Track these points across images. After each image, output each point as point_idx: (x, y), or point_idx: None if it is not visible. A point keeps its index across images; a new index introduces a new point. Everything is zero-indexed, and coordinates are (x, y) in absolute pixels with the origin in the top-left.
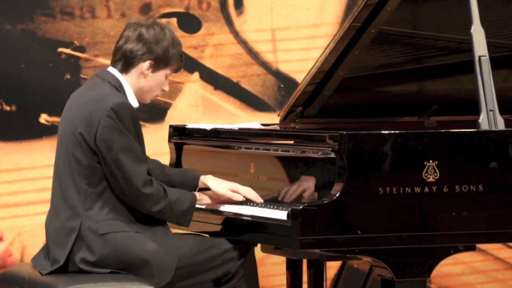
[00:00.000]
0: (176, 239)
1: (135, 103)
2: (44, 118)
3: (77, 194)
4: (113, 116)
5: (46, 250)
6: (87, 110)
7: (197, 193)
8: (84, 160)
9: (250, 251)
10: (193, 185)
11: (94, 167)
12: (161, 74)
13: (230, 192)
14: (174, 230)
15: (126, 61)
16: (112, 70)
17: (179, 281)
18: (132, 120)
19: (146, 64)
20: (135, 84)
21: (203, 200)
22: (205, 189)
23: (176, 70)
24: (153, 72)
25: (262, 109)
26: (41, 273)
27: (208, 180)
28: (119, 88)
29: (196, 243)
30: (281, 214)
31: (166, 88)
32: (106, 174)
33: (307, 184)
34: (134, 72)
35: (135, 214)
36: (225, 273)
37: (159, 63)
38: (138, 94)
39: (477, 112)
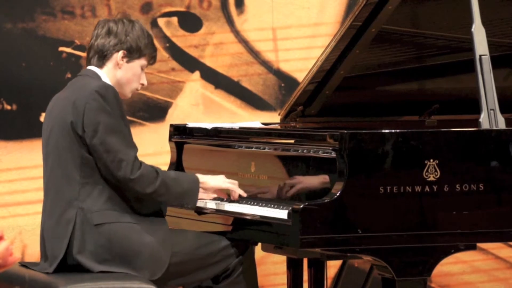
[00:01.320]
0: (174, 234)
1: None
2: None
3: (71, 187)
4: (98, 98)
5: (43, 252)
6: (71, 100)
7: (199, 175)
8: (75, 150)
9: (249, 248)
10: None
11: (85, 157)
12: (136, 64)
13: (230, 185)
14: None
15: (100, 55)
16: (90, 67)
17: (178, 277)
18: (116, 101)
19: (120, 54)
20: (113, 77)
21: (205, 183)
22: None
23: (150, 62)
24: (127, 62)
25: (263, 108)
26: (46, 273)
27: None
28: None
29: (195, 238)
30: (281, 213)
31: (144, 81)
32: (96, 160)
33: (303, 183)
34: (109, 64)
35: (131, 204)
36: (224, 269)
37: (132, 52)
38: (117, 87)
39: (478, 111)
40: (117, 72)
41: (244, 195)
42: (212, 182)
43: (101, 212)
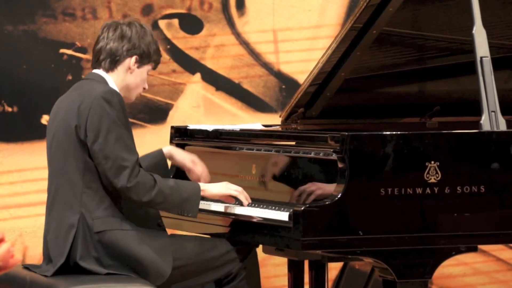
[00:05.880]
0: (177, 240)
1: None
2: (45, 119)
3: (73, 192)
4: (103, 103)
5: (45, 254)
6: (76, 104)
7: (201, 184)
8: (78, 155)
9: (252, 252)
10: (162, 161)
11: (88, 162)
12: (145, 70)
13: (233, 192)
14: (175, 232)
15: (112, 59)
16: (97, 71)
17: (181, 281)
18: (121, 107)
19: (133, 59)
20: (122, 81)
21: (206, 191)
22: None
23: (155, 67)
24: (138, 67)
25: (264, 110)
26: (45, 276)
27: (203, 187)
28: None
29: (198, 243)
30: (282, 215)
31: (146, 85)
32: (96, 166)
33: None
34: (120, 69)
35: (132, 211)
36: (227, 273)
37: (143, 58)
38: (124, 91)
39: (479, 113)
40: (127, 77)
41: (249, 201)
42: (214, 190)
43: (102, 219)
